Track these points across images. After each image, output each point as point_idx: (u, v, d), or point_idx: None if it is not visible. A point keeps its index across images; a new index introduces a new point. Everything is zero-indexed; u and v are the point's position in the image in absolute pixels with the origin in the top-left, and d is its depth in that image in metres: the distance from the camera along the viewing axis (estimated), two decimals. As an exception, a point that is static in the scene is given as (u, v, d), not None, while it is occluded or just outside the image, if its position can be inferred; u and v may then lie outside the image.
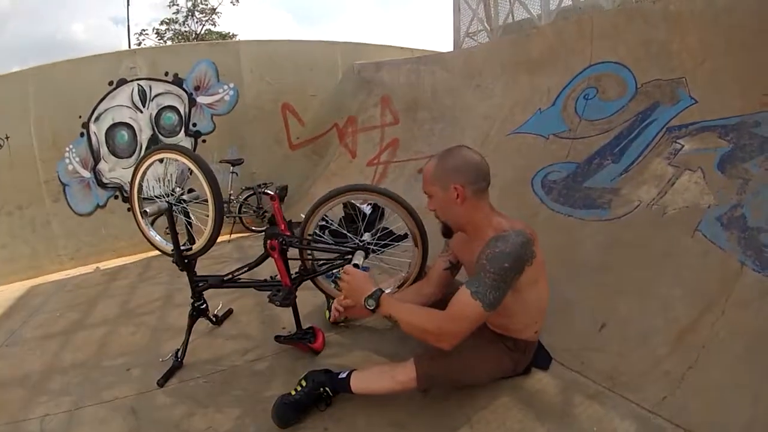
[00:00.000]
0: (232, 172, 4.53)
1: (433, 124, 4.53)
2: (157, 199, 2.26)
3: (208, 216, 2.15)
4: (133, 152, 4.86)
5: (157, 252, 2.44)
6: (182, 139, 5.01)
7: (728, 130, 2.32)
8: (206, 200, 2.11)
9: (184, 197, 2.28)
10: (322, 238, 2.26)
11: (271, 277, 2.28)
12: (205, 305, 2.36)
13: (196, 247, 2.22)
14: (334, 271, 2.24)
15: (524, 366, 1.81)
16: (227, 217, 4.48)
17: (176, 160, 2.18)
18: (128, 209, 4.79)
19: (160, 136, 4.96)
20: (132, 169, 2.34)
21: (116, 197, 4.82)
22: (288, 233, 2.19)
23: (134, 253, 4.57)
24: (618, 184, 2.65)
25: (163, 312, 2.90)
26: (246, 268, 2.25)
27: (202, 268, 2.45)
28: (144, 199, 2.37)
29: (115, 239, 4.71)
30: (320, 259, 2.31)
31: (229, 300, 2.91)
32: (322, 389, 1.67)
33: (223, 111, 5.14)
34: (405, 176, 4.34)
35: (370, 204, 4.01)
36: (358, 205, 4.13)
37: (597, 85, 3.10)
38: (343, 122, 5.32)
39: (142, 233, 2.39)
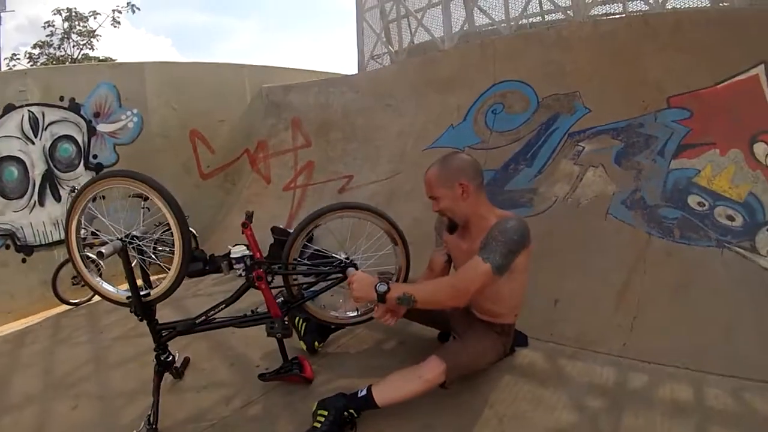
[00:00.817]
0: (144, 208, 3.98)
1: (347, 144, 4.61)
2: (100, 239, 1.93)
3: (171, 252, 1.84)
4: (25, 191, 3.89)
5: (64, 307, 2.08)
6: (82, 174, 4.17)
7: (619, 131, 2.78)
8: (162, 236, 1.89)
9: (136, 233, 1.94)
10: (304, 263, 2.17)
11: (252, 311, 2.10)
12: (171, 357, 2.00)
13: (157, 290, 1.88)
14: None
15: (509, 347, 2.01)
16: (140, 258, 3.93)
17: (127, 188, 1.82)
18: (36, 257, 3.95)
19: (56, 171, 4.09)
20: (68, 207, 1.89)
21: (8, 247, 3.83)
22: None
23: (34, 313, 3.64)
24: (535, 184, 2.96)
25: (100, 376, 2.27)
26: (223, 305, 1.97)
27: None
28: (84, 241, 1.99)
29: (10, 298, 3.72)
30: (304, 284, 2.17)
31: (177, 347, 2.53)
32: (346, 413, 1.62)
33: (126, 140, 4.45)
34: (325, 198, 4.28)
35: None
36: (288, 230, 4.04)
37: (503, 100, 3.45)
38: (254, 147, 5.02)
39: (86, 282, 1.96)
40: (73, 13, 17.63)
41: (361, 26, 5.12)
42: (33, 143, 4.05)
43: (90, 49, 18.42)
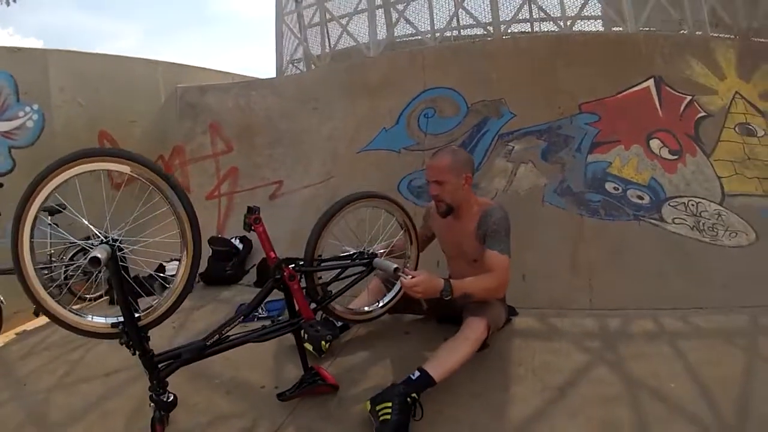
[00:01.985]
0: (51, 224, 3.07)
1: (273, 149, 4.42)
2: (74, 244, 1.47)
3: (178, 262, 1.53)
4: None
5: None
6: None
7: (542, 132, 3.14)
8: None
9: (119, 237, 1.48)
10: (328, 259, 1.94)
11: (272, 320, 1.77)
12: (173, 398, 1.56)
13: (154, 312, 1.49)
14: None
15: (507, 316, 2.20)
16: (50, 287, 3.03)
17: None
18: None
19: (-64, 179, 3.04)
20: (20, 201, 1.32)
21: None
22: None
23: None
24: (476, 180, 3.18)
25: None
26: (240, 318, 1.66)
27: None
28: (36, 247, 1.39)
29: None
30: (327, 283, 1.96)
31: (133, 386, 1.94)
32: (409, 398, 1.57)
33: (25, 142, 3.60)
34: (257, 205, 4.03)
35: (240, 240, 3.61)
36: (232, 240, 3.63)
37: (434, 105, 3.64)
38: (169, 153, 4.43)
39: (44, 308, 1.38)
40: None
41: (280, 29, 5.00)
42: None
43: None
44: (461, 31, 4.72)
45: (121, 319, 1.44)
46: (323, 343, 2.04)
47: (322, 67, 4.84)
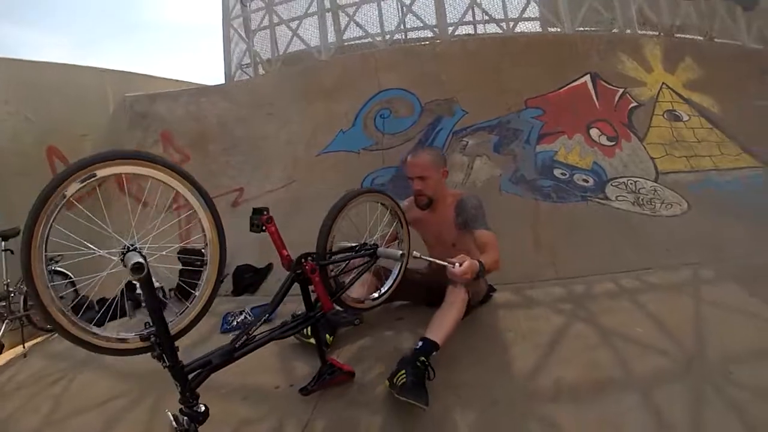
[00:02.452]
0: (5, 250, 2.95)
1: (230, 156, 4.34)
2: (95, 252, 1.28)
3: (202, 268, 1.47)
4: None
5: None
6: None
7: (493, 128, 3.32)
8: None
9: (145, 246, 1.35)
10: (338, 252, 1.95)
11: (292, 315, 1.73)
12: (205, 409, 1.45)
13: (182, 322, 1.42)
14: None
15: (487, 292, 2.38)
16: (10, 319, 2.83)
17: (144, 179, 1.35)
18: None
19: None
20: (31, 210, 1.15)
21: None
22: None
23: None
24: None
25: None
26: (264, 317, 1.64)
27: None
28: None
29: None
30: (336, 275, 1.96)
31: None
32: (419, 363, 1.68)
33: None
34: (220, 214, 3.90)
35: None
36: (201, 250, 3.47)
37: (389, 106, 3.74)
38: None
39: (59, 327, 1.20)
40: None
41: (227, 34, 4.92)
42: None
43: None
44: (408, 34, 4.84)
45: (146, 331, 1.34)
46: (327, 336, 2.09)
47: (274, 71, 4.82)
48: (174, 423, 1.38)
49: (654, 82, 3.73)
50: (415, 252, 1.99)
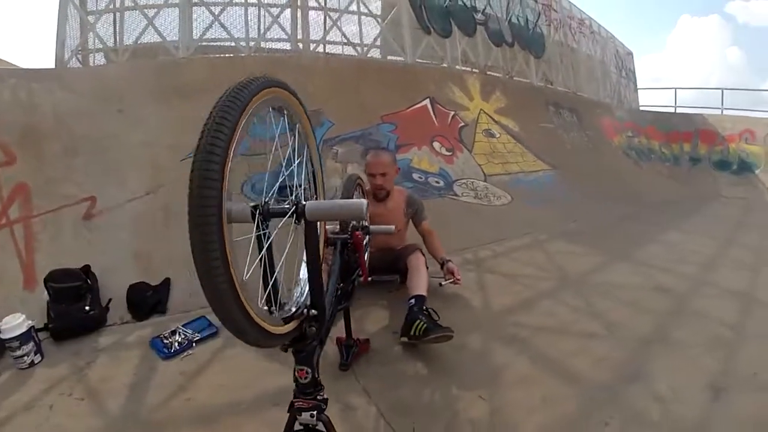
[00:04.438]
0: None
1: (71, 158, 3.42)
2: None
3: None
4: None
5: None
6: None
7: (358, 138, 3.83)
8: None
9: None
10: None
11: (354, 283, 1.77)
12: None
13: None
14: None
15: None
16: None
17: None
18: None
19: None
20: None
21: None
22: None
23: None
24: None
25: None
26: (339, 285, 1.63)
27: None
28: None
29: None
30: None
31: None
32: (425, 310, 2.09)
33: None
34: (69, 230, 3.15)
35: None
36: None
37: (258, 113, 4.04)
38: None
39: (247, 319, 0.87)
40: None
41: (65, 12, 4.25)
42: None
43: None
44: (270, 44, 4.95)
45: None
46: None
47: (125, 63, 4.36)
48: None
49: (475, 107, 4.84)
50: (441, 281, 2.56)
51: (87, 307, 2.41)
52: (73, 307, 2.40)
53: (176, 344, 2.12)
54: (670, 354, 2.07)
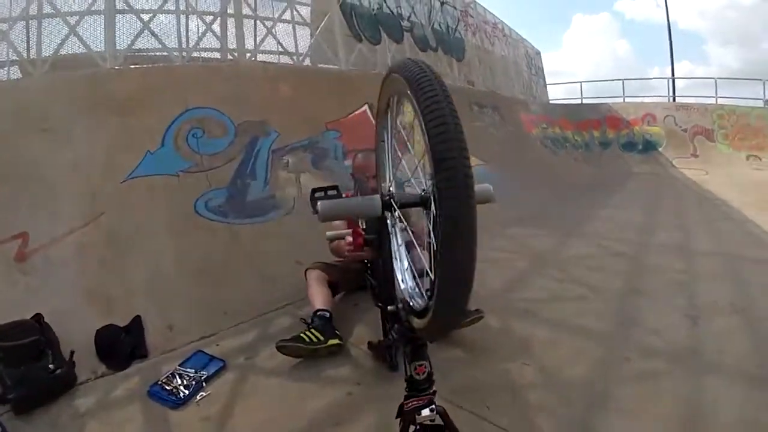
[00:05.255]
0: None
1: None
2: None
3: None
4: None
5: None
6: None
7: (306, 147, 3.96)
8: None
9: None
10: None
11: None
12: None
13: None
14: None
15: None
16: None
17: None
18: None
19: None
20: None
21: None
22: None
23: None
24: (270, 191, 3.67)
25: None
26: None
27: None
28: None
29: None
30: None
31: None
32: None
33: None
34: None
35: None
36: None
37: (201, 125, 3.71)
38: None
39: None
40: None
41: None
42: None
43: None
44: (203, 53, 4.79)
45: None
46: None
47: (45, 75, 4.00)
48: None
49: (410, 111, 5.14)
50: None
51: (51, 366, 2.00)
52: (34, 368, 1.96)
53: (182, 388, 1.93)
54: (647, 300, 2.74)
